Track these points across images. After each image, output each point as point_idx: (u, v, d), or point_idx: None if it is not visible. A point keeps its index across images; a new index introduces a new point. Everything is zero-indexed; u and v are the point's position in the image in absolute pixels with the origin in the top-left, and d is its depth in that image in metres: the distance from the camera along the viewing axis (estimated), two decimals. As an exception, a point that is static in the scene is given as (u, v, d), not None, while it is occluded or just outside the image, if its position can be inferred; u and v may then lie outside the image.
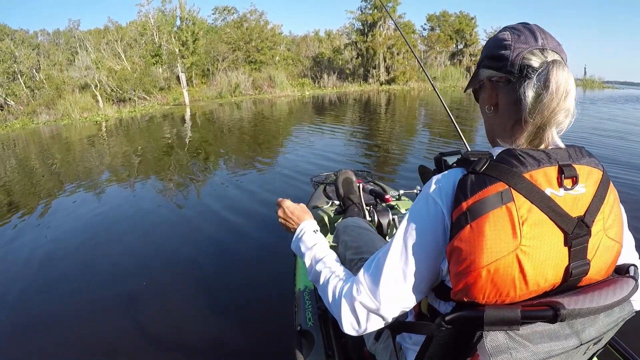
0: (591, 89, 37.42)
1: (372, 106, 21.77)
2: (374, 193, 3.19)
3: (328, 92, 30.42)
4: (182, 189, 7.47)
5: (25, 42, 28.93)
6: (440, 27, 41.12)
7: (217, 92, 27.74)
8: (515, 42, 1.06)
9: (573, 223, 0.94)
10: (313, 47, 38.98)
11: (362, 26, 33.56)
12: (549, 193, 0.93)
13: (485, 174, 0.96)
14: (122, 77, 25.60)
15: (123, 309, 3.70)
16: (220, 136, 13.53)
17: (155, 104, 24.90)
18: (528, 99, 1.02)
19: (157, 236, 5.29)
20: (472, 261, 0.92)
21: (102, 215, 6.24)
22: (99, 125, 17.94)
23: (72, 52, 30.14)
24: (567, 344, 0.94)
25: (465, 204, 0.94)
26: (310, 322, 2.22)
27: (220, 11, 35.58)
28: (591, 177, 1.00)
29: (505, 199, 0.91)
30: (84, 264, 4.61)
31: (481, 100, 1.20)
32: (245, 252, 4.67)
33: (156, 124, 17.45)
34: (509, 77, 1.07)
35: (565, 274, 0.96)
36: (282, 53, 35.69)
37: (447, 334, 1.02)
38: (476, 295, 0.95)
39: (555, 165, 0.96)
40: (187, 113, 20.96)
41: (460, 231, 0.94)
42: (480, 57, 1.19)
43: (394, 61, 33.48)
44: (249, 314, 3.50)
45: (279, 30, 35.69)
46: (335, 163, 8.36)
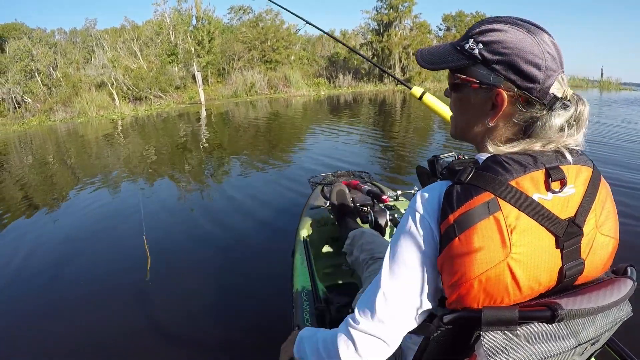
0: (608, 90, 37.01)
1: (387, 107, 21.70)
2: (371, 194, 3.22)
3: (343, 92, 30.30)
4: (189, 188, 7.56)
5: (42, 40, 29.04)
6: (456, 28, 40.99)
7: (233, 91, 27.76)
8: (545, 62, 0.98)
9: (563, 225, 0.95)
10: (329, 47, 38.82)
11: (377, 26, 33.42)
12: (537, 198, 0.93)
13: (470, 184, 0.95)
14: (138, 76, 25.69)
15: (123, 305, 3.78)
16: (235, 136, 13.55)
17: (171, 103, 25.03)
18: (549, 128, 1.00)
19: (158, 234, 5.30)
20: (464, 273, 0.92)
21: (113, 211, 6.42)
22: (115, 123, 18.05)
23: (88, 51, 30.26)
24: (564, 345, 0.94)
25: (452, 217, 0.94)
26: (308, 323, 2.22)
27: (236, 11, 35.54)
28: (580, 176, 1.00)
29: (492, 209, 0.91)
30: (87, 259, 4.73)
31: (472, 101, 1.10)
32: (243, 252, 4.71)
33: (172, 123, 17.51)
34: (532, 99, 1.01)
35: (560, 275, 0.96)
36: (297, 53, 35.61)
37: (445, 334, 1.01)
38: (470, 304, 0.95)
39: (542, 169, 0.95)
40: (202, 112, 20.99)
41: (448, 244, 0.94)
42: (479, 45, 1.04)
43: (409, 61, 33.22)
44: (247, 313, 3.53)
45: (294, 30, 35.61)
46: (345, 164, 8.35)
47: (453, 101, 1.17)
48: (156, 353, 3.14)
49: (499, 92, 1.01)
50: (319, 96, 27.56)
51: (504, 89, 1.01)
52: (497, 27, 1.01)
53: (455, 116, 1.20)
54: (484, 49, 1.02)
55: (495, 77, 1.01)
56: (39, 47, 26.88)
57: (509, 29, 1.00)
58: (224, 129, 15.02)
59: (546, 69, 0.98)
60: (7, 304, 3.94)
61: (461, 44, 1.07)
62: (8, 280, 4.37)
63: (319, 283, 2.56)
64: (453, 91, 1.15)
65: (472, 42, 1.04)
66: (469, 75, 1.06)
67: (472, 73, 1.05)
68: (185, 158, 10.12)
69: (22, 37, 27.46)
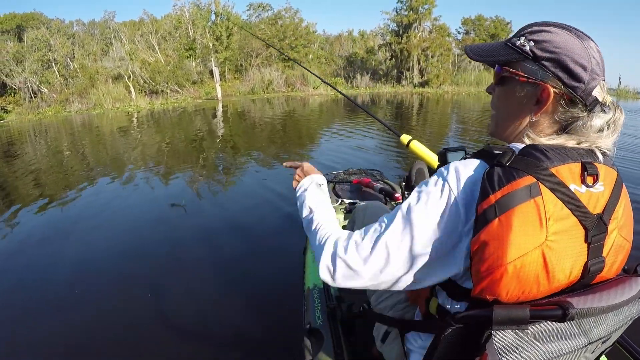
0: (625, 99, 36.53)
1: (404, 109, 21.39)
2: (383, 192, 3.29)
3: (361, 92, 30.07)
4: (203, 185, 7.45)
5: (60, 31, 29.15)
6: (475, 31, 40.79)
7: (250, 87, 27.66)
8: (591, 65, 1.02)
9: (593, 220, 0.96)
10: (347, 46, 38.68)
11: (397, 27, 33.03)
12: (573, 189, 0.95)
13: (512, 167, 0.95)
14: (155, 70, 25.64)
15: (133, 298, 3.76)
16: (251, 132, 13.42)
17: (188, 98, 24.92)
18: (589, 127, 1.04)
19: (170, 229, 5.30)
20: (499, 256, 0.91)
21: (124, 205, 6.37)
22: (130, 116, 18.00)
23: (106, 43, 30.33)
24: (575, 343, 0.94)
25: (494, 197, 0.93)
26: (320, 321, 2.22)
27: (255, 7, 35.47)
28: (608, 176, 1.03)
29: (534, 193, 0.92)
30: (100, 251, 4.69)
31: (518, 95, 1.12)
32: (253, 249, 4.66)
33: (187, 118, 17.38)
34: (576, 98, 1.04)
35: (584, 270, 0.97)
36: (315, 51, 35.44)
37: (455, 333, 1.02)
38: (500, 293, 0.94)
39: (579, 162, 0.99)
40: (219, 108, 20.87)
41: (487, 225, 0.93)
42: (530, 42, 1.07)
43: (428, 64, 32.94)
44: (258, 311, 3.50)
45: (313, 28, 35.50)
46: (359, 162, 8.26)
47: (497, 95, 1.20)
48: (166, 348, 3.11)
49: (545, 88, 1.05)
50: (337, 96, 27.22)
51: (550, 85, 1.04)
52: (549, 29, 1.06)
53: (498, 110, 1.22)
54: (535, 46, 1.05)
55: (544, 73, 1.05)
56: (57, 38, 26.90)
57: (560, 31, 1.05)
58: (241, 125, 14.89)
59: (591, 71, 1.02)
60: (24, 292, 3.91)
61: (512, 40, 1.11)
62: (24, 270, 4.34)
63: None
64: (498, 85, 1.18)
65: (524, 39, 1.08)
66: (517, 69, 1.09)
67: (521, 67, 1.08)
68: (200, 153, 10.02)
69: (40, 27, 27.34)
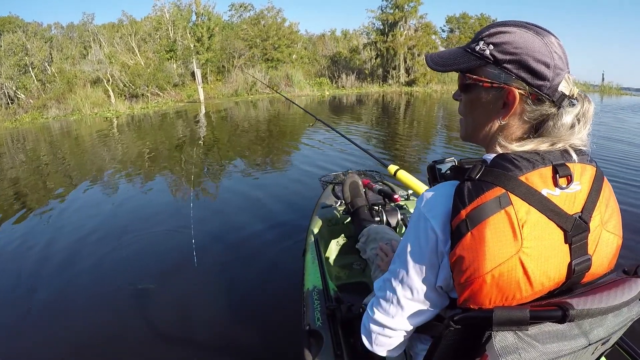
0: (608, 95, 36.62)
1: (393, 109, 21.09)
2: (382, 193, 3.22)
3: (347, 92, 29.82)
4: (191, 188, 7.27)
5: (38, 34, 28.51)
6: (460, 29, 40.83)
7: (233, 89, 27.18)
8: (553, 61, 1.02)
9: (571, 221, 0.97)
10: (331, 46, 38.41)
11: (382, 26, 32.84)
12: (546, 193, 0.96)
13: (481, 180, 0.97)
14: (135, 72, 25.05)
15: (128, 306, 3.71)
16: (239, 135, 13.07)
17: (169, 101, 24.34)
18: (561, 126, 1.04)
19: (164, 233, 5.24)
20: (476, 268, 0.93)
21: (108, 213, 6.14)
22: (109, 122, 17.29)
23: (85, 46, 29.75)
24: (575, 344, 0.94)
25: (464, 212, 0.95)
26: (319, 322, 2.21)
27: (237, 8, 35.03)
28: (585, 174, 1.04)
29: (504, 203, 0.93)
30: (88, 260, 4.55)
31: (484, 101, 1.12)
32: (253, 251, 4.62)
33: (169, 122, 16.88)
34: (542, 97, 1.04)
35: (569, 271, 0.98)
36: (299, 51, 35.11)
37: (455, 334, 1.01)
38: (482, 302, 0.96)
39: (549, 166, 0.99)
40: (201, 111, 20.39)
41: (461, 239, 0.95)
42: (490, 46, 1.06)
43: (414, 62, 32.74)
44: (257, 313, 3.51)
45: (296, 28, 35.14)
46: (349, 163, 8.33)
47: (464, 102, 1.19)
48: (166, 350, 3.10)
49: (510, 90, 1.05)
50: (324, 96, 27.03)
51: (515, 87, 1.04)
52: (507, 29, 1.05)
53: (466, 117, 1.21)
54: (495, 50, 1.05)
55: (507, 76, 1.04)
56: (34, 41, 26.36)
57: (518, 31, 1.04)
58: (226, 129, 14.47)
59: (555, 67, 1.02)
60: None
61: (471, 46, 1.10)
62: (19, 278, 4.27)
63: (330, 282, 2.60)
64: (464, 92, 1.17)
65: (483, 43, 1.07)
66: (480, 75, 1.08)
67: (483, 73, 1.08)
68: (185, 159, 9.71)
69: (16, 31, 26.68)
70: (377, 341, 1.21)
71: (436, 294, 1.10)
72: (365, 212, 2.94)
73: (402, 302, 1.12)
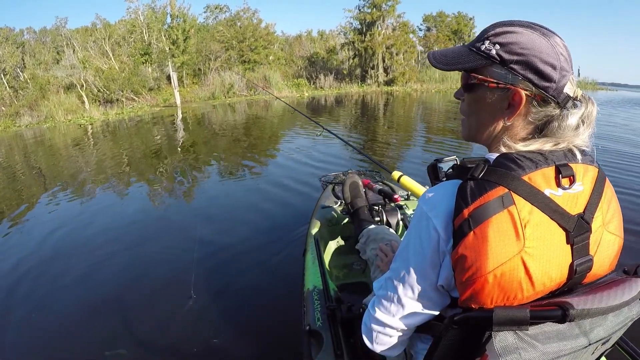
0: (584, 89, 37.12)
1: (373, 109, 21.06)
2: (382, 193, 3.23)
3: (327, 93, 29.67)
4: (184, 193, 7.30)
5: (9, 39, 27.90)
6: (437, 28, 40.91)
7: (210, 92, 26.79)
8: (559, 63, 1.01)
9: (573, 221, 0.97)
10: (307, 47, 38.25)
11: (360, 25, 32.80)
12: (548, 193, 0.96)
13: (484, 180, 0.97)
14: (110, 77, 24.49)
15: (120, 311, 3.69)
16: (216, 139, 12.80)
17: (145, 106, 23.80)
18: (565, 127, 1.04)
19: (163, 235, 5.29)
20: (478, 267, 0.93)
21: (86, 222, 5.92)
22: (83, 129, 16.82)
23: (58, 51, 29.25)
24: (575, 344, 0.94)
25: (467, 211, 0.95)
26: (319, 322, 2.23)
27: (212, 9, 34.69)
28: (587, 175, 1.03)
29: (507, 203, 0.93)
30: (71, 270, 4.46)
31: (488, 101, 1.11)
32: (252, 251, 4.65)
33: (145, 128, 16.45)
34: (548, 98, 1.04)
35: (570, 271, 0.98)
36: (275, 52, 34.87)
37: (455, 334, 1.02)
38: (484, 301, 0.96)
39: (552, 166, 0.99)
40: (178, 115, 20.00)
41: (463, 239, 0.95)
42: (496, 46, 1.04)
43: (393, 62, 32.72)
44: (257, 313, 3.54)
45: (272, 29, 34.89)
46: (335, 166, 8.28)
47: (467, 102, 1.18)
48: (164, 352, 3.13)
49: (516, 91, 1.04)
50: (303, 98, 26.85)
51: (521, 88, 1.03)
52: (513, 29, 1.03)
53: (469, 117, 1.20)
54: (501, 50, 1.03)
55: (513, 77, 1.03)
56: (5, 47, 25.79)
57: (524, 31, 1.02)
58: (206, 133, 14.19)
59: (561, 69, 1.01)
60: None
61: (476, 45, 1.09)
62: None
63: (330, 282, 2.62)
64: (467, 92, 1.16)
65: (489, 43, 1.06)
66: (485, 75, 1.07)
67: (488, 73, 1.07)
68: (166, 165, 9.48)
69: (-14, 37, 26.14)
70: (377, 340, 1.22)
71: (437, 293, 1.10)
72: (365, 213, 2.95)
73: (403, 300, 1.12)
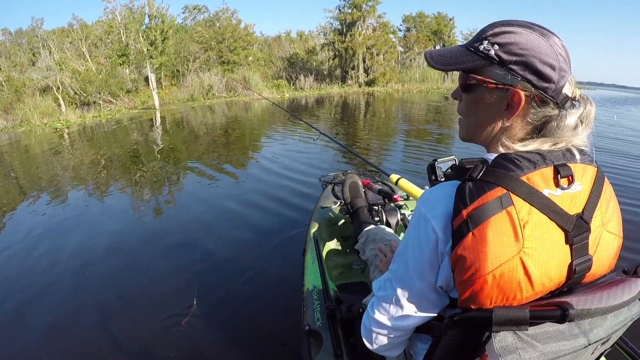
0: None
1: (354, 110, 21.09)
2: (382, 193, 3.23)
3: (307, 94, 29.59)
4: (169, 197, 7.23)
5: (-16, 41, 27.41)
6: (417, 28, 41.11)
7: (189, 94, 26.47)
8: (559, 63, 1.01)
9: (572, 221, 0.97)
10: (287, 48, 38.24)
11: (340, 26, 32.82)
12: (547, 194, 0.96)
13: (482, 180, 0.97)
14: (86, 79, 24.00)
15: (118, 308, 3.77)
16: (195, 143, 12.56)
17: (122, 108, 23.38)
18: (564, 127, 1.04)
19: (166, 237, 5.32)
20: (477, 268, 0.93)
21: (64, 231, 5.73)
22: (60, 133, 16.44)
23: (34, 53, 28.76)
24: (575, 344, 0.94)
25: (466, 212, 0.95)
26: (319, 322, 2.23)
27: (190, 10, 34.36)
28: (586, 174, 1.03)
29: (505, 204, 0.93)
30: (53, 278, 4.39)
31: (487, 102, 1.10)
32: (251, 251, 4.71)
33: (123, 131, 16.13)
34: (547, 99, 1.04)
35: (569, 271, 0.98)
36: (255, 53, 34.65)
37: (455, 334, 1.03)
38: (483, 302, 0.95)
39: (551, 166, 0.99)
40: (156, 117, 19.68)
41: (462, 240, 0.95)
42: (494, 46, 1.04)
43: (373, 62, 32.81)
44: (257, 313, 3.56)
45: (251, 29, 34.64)
46: (329, 164, 8.71)
47: (465, 102, 1.18)
48: (163, 352, 3.13)
49: (515, 92, 1.03)
50: (283, 99, 26.67)
51: (520, 89, 1.03)
52: (512, 29, 1.03)
53: (467, 118, 1.20)
54: (500, 50, 1.03)
55: (513, 77, 1.03)
56: (-21, 49, 25.16)
57: (523, 31, 1.02)
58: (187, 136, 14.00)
59: (560, 69, 1.01)
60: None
61: (475, 45, 1.08)
62: None
63: (330, 282, 2.63)
64: (465, 92, 1.16)
65: (487, 43, 1.05)
66: (484, 75, 1.07)
67: (487, 73, 1.06)
68: (146, 168, 9.24)
69: (-40, 39, 25.63)
70: (377, 341, 1.22)
71: (436, 294, 1.10)
72: (365, 213, 2.94)
73: (402, 302, 1.12)
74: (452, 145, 11.08)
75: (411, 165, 8.84)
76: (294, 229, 5.13)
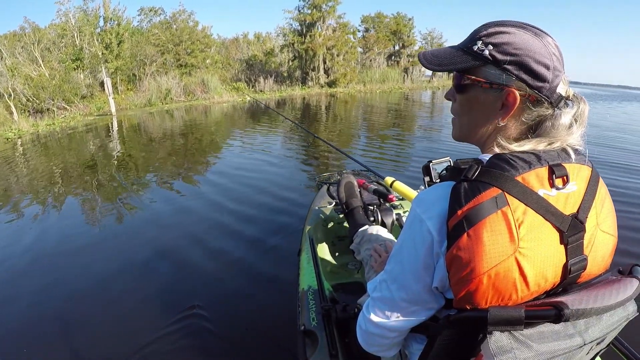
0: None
1: (317, 110, 21.23)
2: (377, 193, 3.24)
3: (268, 96, 29.29)
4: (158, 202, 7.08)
5: None
6: (376, 29, 41.21)
7: (147, 99, 25.87)
8: (553, 63, 1.03)
9: (567, 221, 0.98)
10: (245, 50, 37.91)
11: (300, 26, 32.76)
12: (542, 194, 0.97)
13: (477, 181, 0.98)
14: (39, 85, 23.20)
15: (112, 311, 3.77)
16: (153, 148, 12.13)
17: (77, 115, 22.69)
18: (559, 126, 1.05)
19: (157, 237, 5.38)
20: (472, 268, 0.93)
21: (22, 247, 5.42)
22: (12, 144, 15.84)
23: (-17, 59, 27.74)
24: (570, 344, 0.95)
25: (461, 212, 0.95)
26: (314, 322, 2.25)
27: (146, 12, 33.62)
28: (581, 174, 1.04)
29: (500, 204, 0.94)
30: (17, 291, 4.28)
31: (482, 102, 1.12)
32: (247, 252, 4.77)
33: (79, 139, 15.72)
34: (542, 98, 1.05)
35: (564, 271, 0.99)
36: (213, 56, 34.26)
37: (450, 334, 1.04)
38: (479, 302, 0.96)
39: (546, 166, 1.00)
40: (113, 124, 19.25)
41: (457, 240, 0.95)
42: (489, 46, 1.05)
43: (333, 63, 32.83)
44: (252, 313, 3.59)
45: (209, 31, 34.17)
46: (323, 162, 9.01)
47: (459, 102, 1.19)
48: (163, 351, 3.15)
49: (510, 92, 1.05)
50: (245, 102, 26.42)
51: (515, 89, 1.04)
52: (506, 29, 1.04)
53: (461, 118, 1.21)
54: (495, 50, 1.04)
55: (507, 77, 1.04)
56: None
57: (517, 31, 1.04)
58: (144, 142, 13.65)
59: (554, 69, 1.03)
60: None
61: (468, 46, 1.09)
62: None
63: (325, 282, 2.66)
64: (460, 93, 1.17)
65: (481, 43, 1.06)
66: (479, 75, 1.08)
67: (482, 74, 1.08)
68: (106, 177, 8.70)
69: None
70: (372, 342, 1.24)
71: (431, 295, 1.10)
72: (360, 213, 2.96)
73: (397, 302, 1.13)
74: (413, 146, 11.31)
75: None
76: (289, 229, 5.23)
